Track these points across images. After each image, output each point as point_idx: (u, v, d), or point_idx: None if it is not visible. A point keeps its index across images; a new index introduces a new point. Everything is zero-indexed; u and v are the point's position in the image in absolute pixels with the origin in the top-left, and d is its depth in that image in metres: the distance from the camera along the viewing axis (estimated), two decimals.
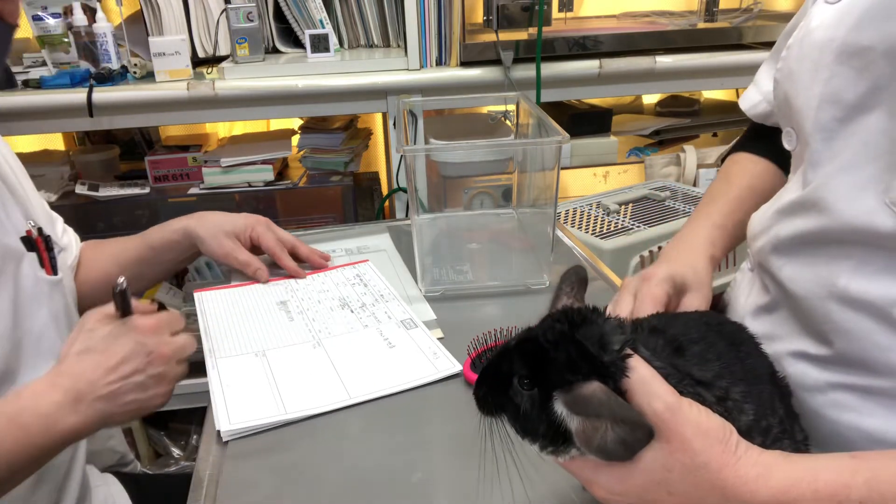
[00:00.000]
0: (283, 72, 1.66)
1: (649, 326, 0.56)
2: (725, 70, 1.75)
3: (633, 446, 0.46)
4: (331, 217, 1.96)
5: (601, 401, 0.45)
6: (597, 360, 0.46)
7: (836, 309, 0.57)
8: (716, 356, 0.53)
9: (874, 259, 0.54)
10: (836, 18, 0.57)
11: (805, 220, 0.60)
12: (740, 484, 0.46)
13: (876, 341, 0.55)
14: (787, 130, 0.65)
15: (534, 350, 0.47)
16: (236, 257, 1.01)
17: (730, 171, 0.85)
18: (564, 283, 0.56)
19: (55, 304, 0.83)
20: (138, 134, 2.03)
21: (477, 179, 1.59)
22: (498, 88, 1.69)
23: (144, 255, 1.02)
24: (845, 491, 0.45)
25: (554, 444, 0.48)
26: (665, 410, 0.45)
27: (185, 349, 0.77)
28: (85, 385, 0.67)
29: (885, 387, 0.56)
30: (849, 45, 0.55)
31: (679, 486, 0.46)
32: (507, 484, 0.63)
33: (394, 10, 1.78)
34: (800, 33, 0.62)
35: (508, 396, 0.49)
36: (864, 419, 0.57)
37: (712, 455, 0.46)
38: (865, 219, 0.53)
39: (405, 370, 0.81)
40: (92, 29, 1.64)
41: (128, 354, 0.70)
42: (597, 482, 0.49)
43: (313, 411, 0.74)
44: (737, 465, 0.46)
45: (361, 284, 1.01)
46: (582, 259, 1.08)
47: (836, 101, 0.56)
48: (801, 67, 0.61)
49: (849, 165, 0.55)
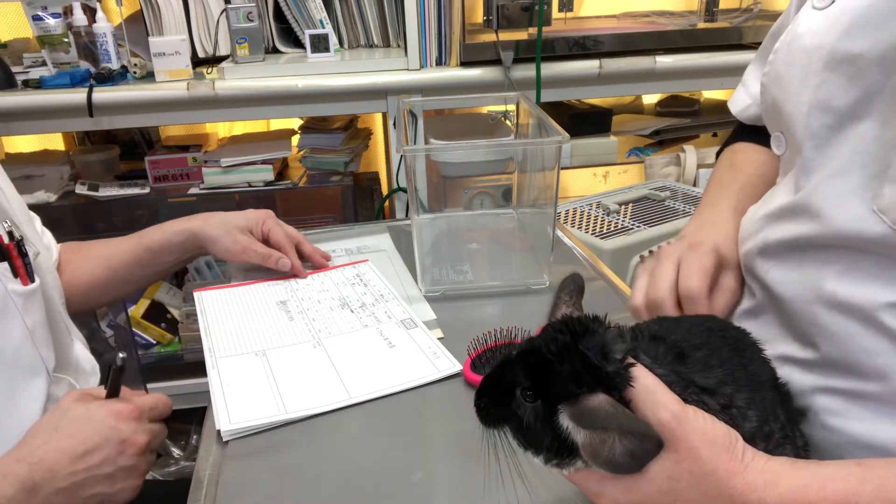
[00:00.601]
0: (283, 72, 1.66)
1: (650, 334, 0.55)
2: (725, 70, 1.75)
3: (641, 458, 0.45)
4: (331, 217, 1.96)
5: (608, 413, 0.44)
6: (601, 371, 0.45)
7: (823, 312, 0.57)
8: (719, 362, 0.53)
9: (861, 264, 0.54)
10: (825, 24, 0.57)
11: (795, 225, 0.60)
12: (749, 491, 0.45)
13: (862, 345, 0.55)
14: (776, 135, 0.65)
15: (537, 361, 0.47)
16: (256, 250, 1.00)
17: (735, 159, 0.83)
18: (563, 291, 0.55)
19: (33, 315, 0.76)
20: (138, 134, 2.03)
21: (477, 179, 1.60)
22: (498, 88, 1.69)
23: (140, 257, 0.99)
24: (854, 498, 0.45)
25: (559, 456, 0.47)
26: (671, 420, 0.45)
27: (159, 437, 0.71)
28: (44, 474, 0.61)
29: (871, 390, 0.55)
30: (839, 52, 0.55)
31: (687, 494, 0.46)
32: (506, 485, 0.63)
33: (394, 10, 1.78)
34: (787, 37, 0.62)
35: (511, 408, 0.48)
36: (849, 423, 0.57)
37: (720, 463, 0.45)
38: (854, 225, 0.53)
39: (405, 370, 0.81)
40: (92, 29, 1.64)
41: (99, 442, 0.63)
42: (603, 493, 0.48)
43: (313, 411, 0.74)
44: (745, 473, 0.46)
45: (361, 284, 1.01)
46: (582, 259, 1.08)
47: (827, 108, 0.56)
48: (789, 73, 0.60)
49: (839, 172, 0.55)
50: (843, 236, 0.55)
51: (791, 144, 0.62)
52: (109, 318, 1.93)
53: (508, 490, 0.62)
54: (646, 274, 0.71)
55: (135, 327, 1.91)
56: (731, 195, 0.77)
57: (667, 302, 0.67)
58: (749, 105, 0.80)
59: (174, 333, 1.95)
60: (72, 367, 0.83)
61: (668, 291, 0.68)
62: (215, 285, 1.01)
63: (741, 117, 0.82)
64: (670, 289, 0.68)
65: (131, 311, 1.91)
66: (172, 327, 1.95)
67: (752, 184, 0.77)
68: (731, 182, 0.79)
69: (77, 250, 0.99)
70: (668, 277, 0.68)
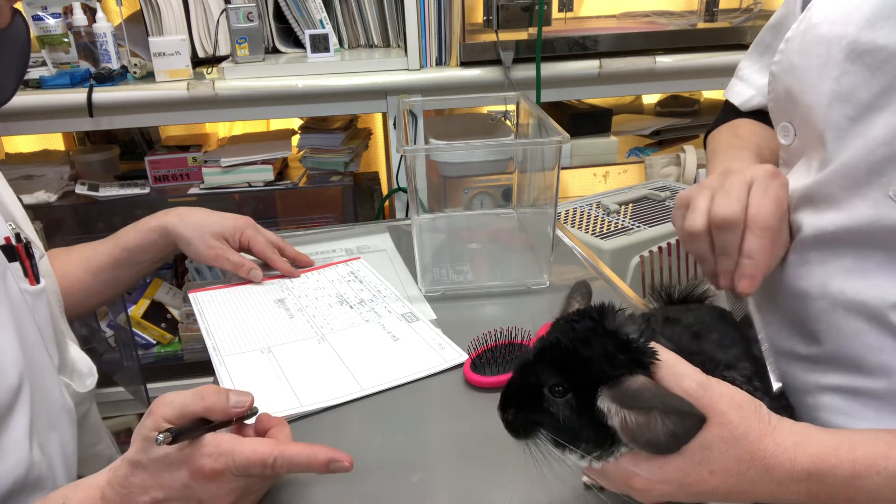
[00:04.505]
0: (283, 72, 1.66)
1: (663, 317, 0.56)
2: (725, 70, 1.74)
3: (683, 437, 0.45)
4: (331, 217, 1.96)
5: (653, 392, 0.44)
6: (631, 347, 0.46)
7: (828, 308, 0.57)
8: (731, 342, 0.54)
9: (869, 261, 0.54)
10: (844, 13, 0.56)
11: (806, 216, 0.59)
12: (780, 452, 0.46)
13: (867, 342, 0.55)
14: (784, 125, 0.64)
15: (559, 356, 0.47)
16: (228, 258, 0.98)
17: (739, 131, 0.79)
18: (575, 293, 0.55)
19: (40, 315, 0.75)
20: (138, 134, 2.03)
21: (477, 179, 1.60)
22: (498, 88, 1.69)
23: (119, 257, 0.97)
24: (884, 461, 0.45)
25: (599, 446, 0.47)
26: (697, 388, 0.45)
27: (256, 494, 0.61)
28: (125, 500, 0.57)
29: (875, 388, 0.56)
30: (862, 43, 0.54)
31: (720, 461, 0.46)
32: (506, 484, 0.63)
33: (394, 10, 1.79)
34: (800, 27, 0.61)
35: (542, 409, 0.47)
36: (852, 422, 0.57)
37: (751, 425, 0.46)
38: (870, 212, 0.53)
39: (413, 361, 0.81)
40: (92, 29, 1.64)
41: (177, 491, 0.56)
42: (636, 473, 0.48)
43: (329, 403, 0.74)
44: (774, 434, 0.46)
45: (357, 281, 1.01)
46: (582, 259, 1.08)
47: (849, 99, 0.55)
48: (805, 63, 0.59)
49: (857, 161, 0.54)
50: (857, 227, 0.55)
51: (803, 135, 0.62)
52: (109, 318, 1.93)
53: (505, 487, 0.62)
54: (706, 192, 0.60)
55: (135, 327, 1.91)
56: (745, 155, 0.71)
57: (739, 224, 0.57)
58: (753, 95, 0.80)
59: (174, 333, 1.95)
60: (68, 368, 0.82)
61: (742, 211, 0.57)
62: (209, 286, 1.01)
63: (745, 108, 0.81)
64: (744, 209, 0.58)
65: (131, 311, 1.91)
66: (172, 327, 1.95)
67: (761, 151, 0.73)
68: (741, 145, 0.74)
69: (59, 255, 0.97)
70: (742, 197, 0.58)
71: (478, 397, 0.75)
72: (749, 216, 0.57)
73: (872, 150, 0.53)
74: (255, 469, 0.57)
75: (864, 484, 0.45)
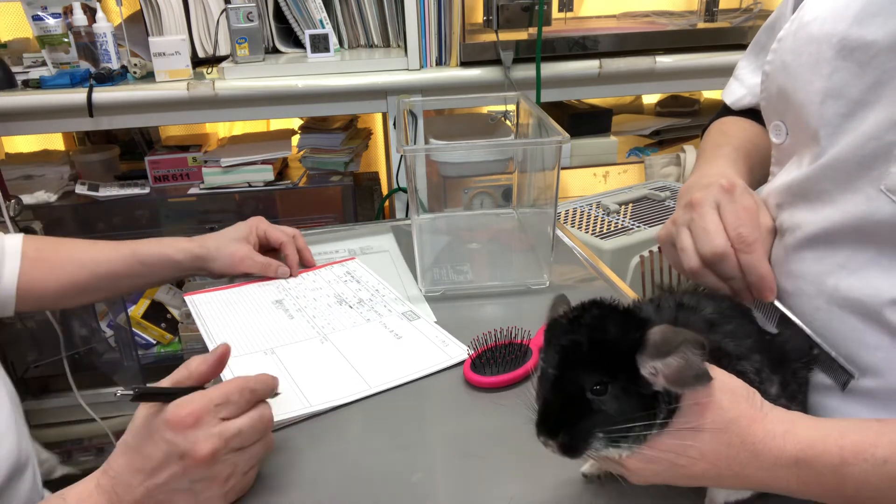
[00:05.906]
0: (283, 72, 1.66)
1: (677, 303, 0.56)
2: (725, 70, 1.72)
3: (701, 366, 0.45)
4: (331, 217, 1.96)
5: (676, 331, 0.45)
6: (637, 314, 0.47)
7: (824, 307, 0.57)
8: (745, 334, 0.55)
9: (864, 258, 0.55)
10: (834, 12, 0.57)
11: (799, 213, 0.60)
12: (769, 439, 0.46)
13: (862, 340, 0.55)
14: (776, 124, 0.65)
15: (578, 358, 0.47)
16: (254, 260, 1.00)
17: (724, 129, 0.81)
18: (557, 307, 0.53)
19: None
20: (138, 134, 2.03)
21: (477, 179, 1.59)
22: (498, 88, 1.69)
23: (133, 269, 0.97)
24: (871, 449, 0.46)
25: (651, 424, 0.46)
26: None
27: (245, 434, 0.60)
28: (123, 487, 0.58)
29: (867, 386, 0.56)
30: (851, 39, 0.54)
31: (709, 446, 0.46)
32: (506, 484, 0.63)
33: (394, 10, 1.79)
34: (792, 26, 0.62)
35: (592, 413, 0.47)
36: None
37: (741, 411, 0.47)
38: (863, 207, 0.54)
39: (418, 359, 0.81)
40: (92, 29, 1.64)
41: (161, 458, 0.57)
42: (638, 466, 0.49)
43: (337, 402, 0.74)
44: (764, 421, 0.47)
45: (354, 281, 1.02)
46: (582, 259, 1.08)
47: (841, 96, 0.56)
48: (797, 61, 0.60)
49: (849, 157, 0.55)
50: (850, 222, 0.55)
51: (795, 133, 0.62)
52: (109, 318, 1.93)
53: (505, 487, 0.62)
54: (685, 231, 0.63)
55: (135, 327, 1.91)
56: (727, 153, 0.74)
57: (730, 253, 0.60)
58: (744, 95, 0.81)
59: (174, 333, 1.95)
60: None
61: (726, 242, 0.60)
62: (205, 288, 1.01)
63: (736, 107, 0.83)
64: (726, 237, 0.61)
65: (131, 311, 1.91)
66: (172, 327, 1.95)
67: (746, 148, 0.76)
68: (725, 143, 0.77)
69: (55, 249, 0.95)
70: (718, 227, 0.61)
71: (478, 397, 0.75)
72: (733, 240, 0.60)
73: (862, 145, 0.53)
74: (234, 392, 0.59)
75: (851, 471, 0.46)
